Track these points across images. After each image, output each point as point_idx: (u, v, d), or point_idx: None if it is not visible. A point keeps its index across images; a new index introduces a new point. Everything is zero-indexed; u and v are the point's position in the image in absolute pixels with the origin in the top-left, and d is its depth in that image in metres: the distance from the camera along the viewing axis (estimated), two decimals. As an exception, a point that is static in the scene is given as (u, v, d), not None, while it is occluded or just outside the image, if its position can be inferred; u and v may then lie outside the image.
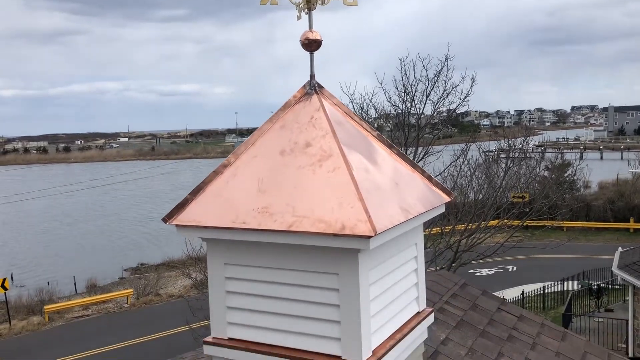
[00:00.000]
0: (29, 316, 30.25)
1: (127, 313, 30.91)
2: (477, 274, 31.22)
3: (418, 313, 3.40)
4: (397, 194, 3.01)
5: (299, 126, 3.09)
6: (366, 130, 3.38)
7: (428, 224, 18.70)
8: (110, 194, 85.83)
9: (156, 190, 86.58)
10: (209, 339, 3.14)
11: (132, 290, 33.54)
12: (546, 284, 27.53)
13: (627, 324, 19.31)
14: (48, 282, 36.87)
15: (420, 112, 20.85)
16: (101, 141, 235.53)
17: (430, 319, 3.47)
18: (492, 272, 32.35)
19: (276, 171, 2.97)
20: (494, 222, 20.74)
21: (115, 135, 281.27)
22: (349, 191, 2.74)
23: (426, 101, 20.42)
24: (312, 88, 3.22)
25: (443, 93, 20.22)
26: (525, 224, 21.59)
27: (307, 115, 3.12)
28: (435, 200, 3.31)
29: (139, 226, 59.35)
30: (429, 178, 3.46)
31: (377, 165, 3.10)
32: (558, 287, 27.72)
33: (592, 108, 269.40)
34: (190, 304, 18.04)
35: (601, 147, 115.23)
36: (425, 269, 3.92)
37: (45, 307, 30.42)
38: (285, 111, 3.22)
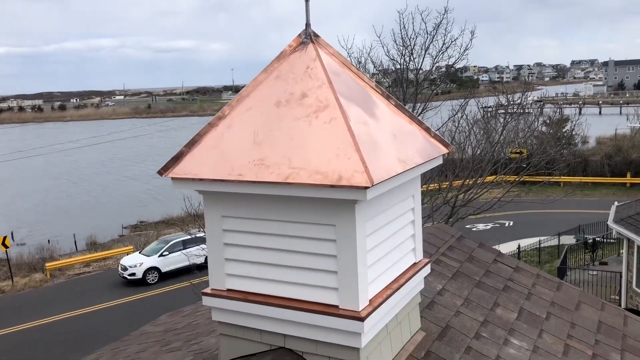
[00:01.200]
0: (31, 273, 30.61)
1: (127, 269, 31.22)
2: (474, 229, 31.51)
3: (415, 264, 3.42)
4: (395, 145, 2.98)
5: (294, 76, 3.04)
6: (364, 81, 3.33)
7: (425, 180, 18.75)
8: (108, 151, 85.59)
9: (155, 148, 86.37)
10: (207, 290, 3.17)
11: (132, 247, 33.82)
12: (542, 238, 27.83)
13: (620, 276, 19.62)
14: (48, 240, 37.17)
15: (419, 66, 20.58)
16: (97, 99, 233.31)
17: (427, 270, 3.50)
18: (488, 227, 32.65)
19: (272, 123, 2.93)
20: (491, 178, 20.77)
21: (111, 93, 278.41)
22: (345, 142, 2.71)
23: (425, 55, 20.12)
24: (308, 37, 3.15)
25: (442, 47, 19.89)
26: (522, 179, 21.64)
27: (303, 65, 3.06)
28: (433, 151, 3.29)
29: (139, 184, 59.45)
30: (427, 130, 3.43)
31: (375, 116, 3.06)
32: (554, 242, 28.03)
33: (592, 62, 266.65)
34: (190, 260, 18.24)
35: (600, 102, 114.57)
36: (423, 224, 3.93)
37: (46, 264, 30.76)
38: (281, 61, 3.16)
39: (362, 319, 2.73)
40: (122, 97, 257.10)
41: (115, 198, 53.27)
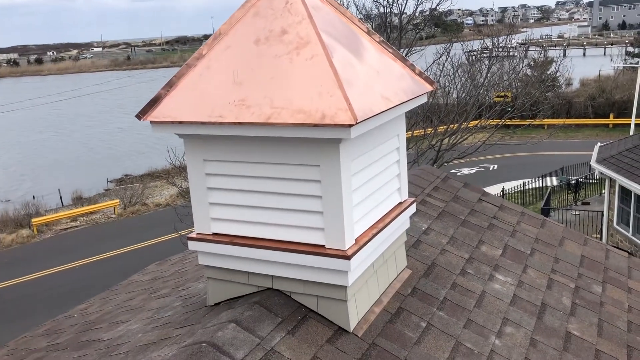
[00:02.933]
0: (18, 229, 30.54)
1: (115, 223, 31.33)
2: (459, 173, 31.79)
3: (400, 203, 3.42)
4: (379, 82, 2.91)
5: (273, 12, 2.93)
6: (345, 16, 3.22)
7: (410, 126, 18.71)
8: (88, 105, 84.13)
9: (136, 100, 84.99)
10: (193, 235, 3.14)
11: (118, 200, 33.76)
12: (526, 180, 28.20)
13: (602, 215, 20.03)
14: (33, 196, 36.93)
15: (402, 9, 20.21)
16: (74, 52, 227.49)
17: (412, 209, 3.50)
18: (473, 171, 32.96)
19: (251, 61, 2.84)
20: (475, 122, 20.79)
21: (89, 45, 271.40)
22: (328, 80, 2.64)
23: (408, -3, 19.74)
24: (286, -29, 3.01)
25: (426, -13, 19.51)
26: (506, 122, 21.69)
27: (282, 1, 2.94)
28: (418, 89, 3.22)
29: (122, 136, 58.77)
30: (412, 67, 3.35)
31: (358, 53, 2.97)
32: (537, 184, 28.43)
33: (577, 3, 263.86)
34: (178, 211, 18.26)
35: (584, 43, 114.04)
36: (408, 169, 3.91)
37: (33, 220, 30.66)
38: (259, -3, 3.03)
39: (348, 258, 2.73)
40: (100, 49, 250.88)
41: (98, 152, 52.75)
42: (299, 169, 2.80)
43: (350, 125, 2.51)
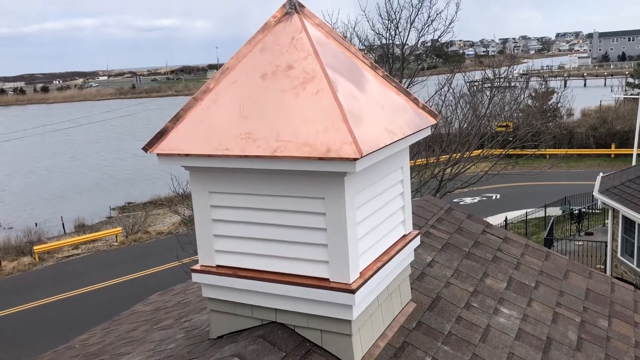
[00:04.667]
0: (19, 257, 30.46)
1: (117, 251, 31.23)
2: (461, 203, 31.75)
3: (404, 236, 3.42)
4: (383, 115, 2.95)
5: (279, 48, 2.98)
6: (350, 51, 3.27)
7: (413, 155, 18.78)
8: (93, 133, 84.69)
9: (140, 128, 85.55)
10: (197, 267, 3.14)
11: (120, 228, 33.72)
12: (529, 210, 28.11)
13: (605, 246, 19.91)
14: (36, 223, 36.92)
15: (405, 40, 20.48)
16: (80, 80, 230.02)
17: (417, 242, 3.50)
18: (475, 200, 32.90)
19: (258, 95, 2.88)
20: (477, 151, 20.86)
21: (94, 74, 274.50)
22: (333, 113, 2.67)
23: (410, 29, 20.03)
24: (293, 7, 3.08)
25: (427, 20, 19.83)
26: (508, 152, 21.76)
27: (288, 37, 3.00)
28: (422, 122, 3.26)
29: (126, 164, 58.99)
30: (415, 100, 3.39)
31: (362, 87, 3.02)
32: (540, 213, 28.34)
33: (577, 34, 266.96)
34: (180, 239, 18.22)
35: (585, 74, 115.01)
36: (411, 198, 3.92)
37: (34, 247, 30.59)
38: (265, 33, 3.09)
39: (353, 292, 2.72)
40: (105, 77, 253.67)
41: (102, 179, 52.89)
42: (304, 201, 2.81)
43: (355, 159, 2.54)
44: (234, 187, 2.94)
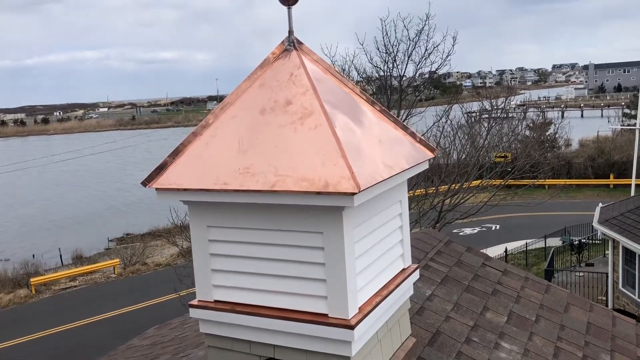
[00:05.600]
0: (15, 289, 30.18)
1: (114, 283, 30.98)
2: (461, 234, 31.65)
3: (403, 270, 3.40)
4: (381, 150, 2.97)
5: (278, 84, 3.02)
6: (348, 87, 3.31)
7: (412, 185, 18.80)
8: (91, 164, 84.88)
9: (139, 159, 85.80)
10: (194, 302, 3.12)
11: (118, 260, 33.52)
12: (528, 241, 28.03)
13: (607, 277, 19.78)
14: (33, 255, 36.70)
15: (402, 73, 20.72)
16: (80, 112, 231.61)
17: (416, 275, 3.48)
18: (475, 231, 32.81)
19: (257, 130, 2.91)
20: (476, 182, 20.90)
21: (95, 106, 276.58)
22: (331, 148, 2.69)
23: (408, 61, 20.28)
24: (291, 44, 3.13)
25: (424, 53, 20.08)
26: (507, 183, 21.81)
27: (287, 73, 3.04)
28: (419, 156, 3.28)
29: (124, 196, 58.95)
30: (412, 135, 3.42)
31: (360, 122, 3.05)
32: (540, 244, 28.24)
33: (573, 66, 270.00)
34: (178, 271, 18.11)
35: (582, 105, 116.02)
36: (410, 230, 3.92)
37: (31, 279, 30.35)
38: (264, 69, 3.14)
39: (352, 327, 2.70)
40: (106, 109, 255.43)
41: (100, 211, 52.78)
42: (302, 235, 2.81)
43: (353, 193, 2.54)
44: (233, 221, 2.94)
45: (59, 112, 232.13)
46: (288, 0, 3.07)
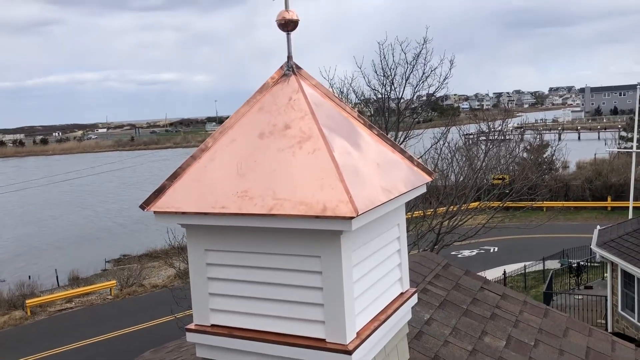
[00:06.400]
0: (11, 311, 29.89)
1: (110, 305, 30.72)
2: (459, 256, 31.55)
3: (402, 294, 3.39)
4: (379, 174, 2.98)
5: (277, 108, 3.04)
6: (346, 111, 3.34)
7: (410, 207, 18.80)
8: (90, 185, 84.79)
9: (135, 181, 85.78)
10: (191, 326, 3.10)
11: (115, 281, 33.29)
12: (527, 263, 27.95)
13: (606, 300, 19.68)
14: (29, 276, 36.42)
15: (400, 95, 20.85)
16: (79, 132, 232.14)
17: (414, 300, 3.47)
18: (473, 253, 32.71)
19: (255, 154, 2.92)
20: (474, 204, 20.92)
21: (94, 126, 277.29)
22: (329, 172, 2.71)
23: (405, 85, 20.42)
24: (290, 69, 3.17)
25: (422, 76, 20.23)
26: (505, 205, 21.82)
27: (286, 97, 3.07)
28: (417, 180, 3.29)
29: (122, 217, 58.80)
30: (410, 158, 3.44)
31: (358, 146, 3.07)
32: (539, 267, 28.15)
33: (569, 89, 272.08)
34: (174, 293, 17.96)
35: (578, 127, 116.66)
36: (408, 252, 3.91)
37: (27, 301, 30.07)
38: (263, 93, 3.17)
39: (349, 353, 2.68)
40: (105, 130, 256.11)
41: (97, 232, 52.59)
42: (300, 259, 2.80)
43: (352, 218, 2.55)
44: (230, 244, 2.94)
45: (58, 133, 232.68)
46: (287, 26, 3.12)
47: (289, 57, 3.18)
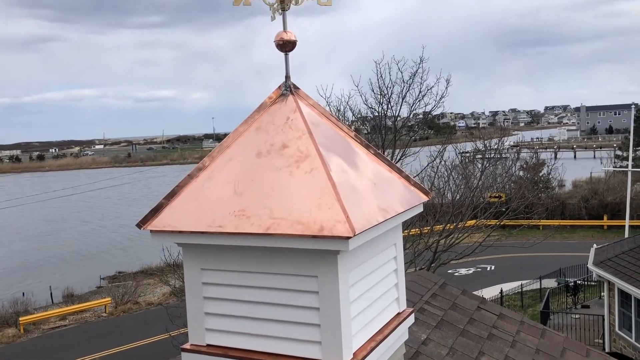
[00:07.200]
0: (4, 328, 29.60)
1: (105, 322, 30.46)
2: (456, 274, 31.46)
3: (398, 314, 3.38)
4: (376, 193, 2.99)
5: (275, 127, 3.06)
6: (343, 131, 3.36)
7: (406, 225, 18.79)
8: (85, 201, 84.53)
9: (132, 198, 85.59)
10: (186, 346, 3.07)
11: (110, 298, 33.04)
12: (524, 282, 27.88)
13: (603, 319, 19.61)
14: (23, 293, 36.11)
15: (397, 114, 20.96)
16: (76, 149, 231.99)
17: (411, 320, 3.45)
18: (470, 271, 32.63)
19: (253, 173, 2.93)
20: (471, 222, 20.92)
21: (91, 143, 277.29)
22: (326, 192, 2.71)
23: (402, 103, 20.55)
24: (288, 89, 3.19)
25: (419, 95, 20.38)
26: (502, 223, 21.83)
27: (283, 117, 3.08)
28: (414, 199, 3.30)
29: (117, 234, 58.55)
30: (407, 178, 3.45)
31: (355, 165, 3.08)
32: (536, 285, 28.08)
33: (565, 108, 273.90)
34: (169, 311, 17.84)
35: (574, 146, 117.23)
36: (405, 270, 3.91)
37: (20, 318, 29.78)
38: (261, 113, 3.18)
39: (346, 373, 2.66)
40: (101, 146, 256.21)
41: (93, 248, 52.31)
42: (296, 279, 2.80)
43: (349, 237, 2.55)
44: (227, 264, 2.93)
45: (55, 149, 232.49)
46: (285, 47, 3.15)
47: (287, 77, 3.21)
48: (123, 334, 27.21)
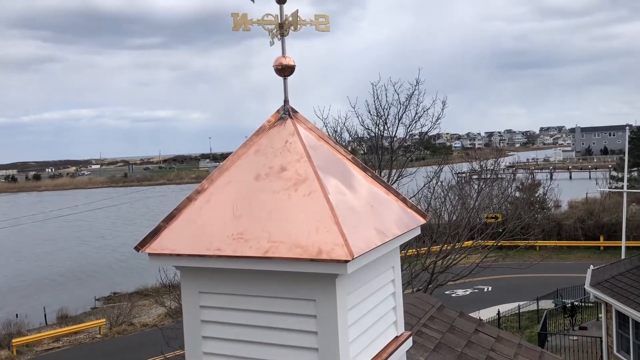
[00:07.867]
0: (-4, 350, 29.23)
1: (99, 344, 30.11)
2: (453, 295, 31.30)
3: (396, 337, 3.37)
4: (373, 216, 3.00)
5: (273, 151, 3.08)
6: (341, 153, 3.38)
7: (404, 246, 18.75)
8: (81, 222, 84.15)
9: (129, 218, 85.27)
10: (184, 370, 3.06)
11: (104, 320, 32.70)
12: (521, 303, 27.74)
13: (601, 341, 19.50)
14: (17, 315, 35.73)
15: (393, 135, 21.07)
16: (72, 169, 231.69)
17: (409, 343, 3.44)
18: (467, 292, 32.47)
19: (251, 196, 2.94)
20: (468, 243, 20.91)
21: (87, 163, 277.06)
22: (325, 215, 2.72)
23: (398, 124, 20.66)
24: (286, 112, 3.22)
25: (415, 116, 20.50)
26: (499, 244, 21.81)
27: (282, 140, 3.11)
28: (411, 222, 3.31)
29: (112, 254, 58.20)
30: (404, 200, 3.47)
31: (353, 188, 3.10)
32: (533, 307, 27.94)
33: (560, 129, 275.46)
34: (165, 333, 17.68)
35: (570, 167, 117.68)
36: (402, 291, 3.90)
37: (13, 340, 29.44)
38: (260, 136, 3.21)
39: (344, 398, 2.65)
40: (98, 166, 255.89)
41: (88, 269, 51.94)
42: (294, 303, 2.79)
43: (347, 261, 2.56)
44: (225, 287, 2.93)
45: (51, 169, 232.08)
46: (284, 72, 3.19)
47: (286, 101, 3.24)
48: (117, 356, 26.89)
